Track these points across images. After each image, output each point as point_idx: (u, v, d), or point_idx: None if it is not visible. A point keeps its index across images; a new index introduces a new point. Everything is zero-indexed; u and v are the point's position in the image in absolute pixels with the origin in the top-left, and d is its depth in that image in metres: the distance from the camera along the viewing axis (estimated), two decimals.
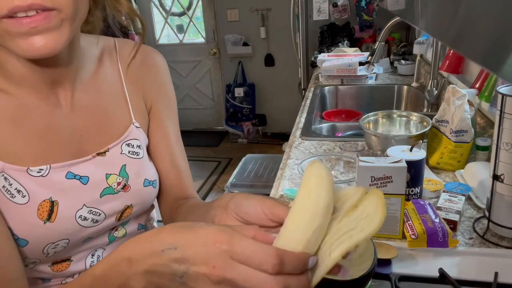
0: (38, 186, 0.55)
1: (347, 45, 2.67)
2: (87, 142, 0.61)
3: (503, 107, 0.77)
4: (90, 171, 0.60)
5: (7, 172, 0.54)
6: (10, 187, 0.54)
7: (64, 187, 0.58)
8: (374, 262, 0.64)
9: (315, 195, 0.44)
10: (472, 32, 0.32)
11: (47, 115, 0.58)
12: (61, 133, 0.59)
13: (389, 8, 0.89)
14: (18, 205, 0.54)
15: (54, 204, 0.56)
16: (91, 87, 0.62)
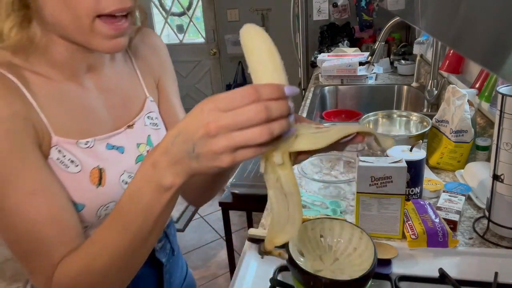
0: (87, 156, 0.63)
1: (347, 45, 2.67)
2: (117, 118, 0.70)
3: (503, 107, 0.77)
4: (124, 142, 0.69)
5: (61, 145, 0.61)
6: (64, 158, 0.61)
7: (107, 157, 0.65)
8: (374, 262, 0.64)
9: (258, 50, 0.49)
10: (472, 32, 0.32)
11: (82, 97, 0.65)
12: (96, 112, 0.67)
13: (389, 8, 0.89)
14: (73, 174, 0.61)
15: (102, 171, 0.64)
16: (112, 71, 0.70)
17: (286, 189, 0.50)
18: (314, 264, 0.70)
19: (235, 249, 2.11)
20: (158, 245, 0.78)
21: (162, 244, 0.80)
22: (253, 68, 0.48)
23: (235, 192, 1.78)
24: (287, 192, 0.50)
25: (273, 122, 0.42)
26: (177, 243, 0.87)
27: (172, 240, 0.83)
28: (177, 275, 0.87)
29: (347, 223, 0.73)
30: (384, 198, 0.84)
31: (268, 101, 0.42)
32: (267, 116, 0.41)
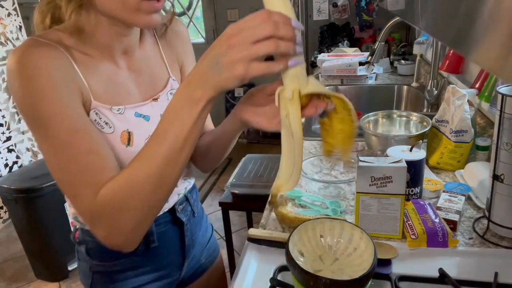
0: (119, 121, 0.75)
1: (347, 45, 2.67)
2: (144, 93, 0.81)
3: (503, 107, 0.77)
4: (149, 112, 0.80)
5: (98, 108, 0.72)
6: (100, 120, 0.73)
7: (135, 122, 0.77)
8: (374, 262, 0.64)
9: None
10: (472, 32, 0.32)
11: (117, 74, 0.77)
12: (126, 87, 0.79)
13: (389, 8, 0.89)
14: (107, 134, 0.73)
15: (130, 134, 0.76)
16: (141, 55, 0.82)
17: (293, 127, 0.62)
18: (314, 264, 0.70)
19: (235, 249, 2.11)
20: (179, 207, 0.90)
21: (183, 206, 0.91)
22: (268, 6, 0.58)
23: (235, 192, 1.78)
24: (293, 131, 0.62)
25: (280, 40, 0.54)
26: (199, 207, 0.99)
27: (192, 203, 0.95)
28: (199, 234, 0.99)
29: (347, 223, 0.73)
30: (384, 198, 0.84)
31: (276, 21, 0.53)
32: (274, 30, 0.53)
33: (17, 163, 2.61)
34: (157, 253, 0.87)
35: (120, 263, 0.84)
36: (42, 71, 0.64)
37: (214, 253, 1.06)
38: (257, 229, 0.90)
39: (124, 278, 0.85)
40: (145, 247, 0.85)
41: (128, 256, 0.83)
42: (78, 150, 0.65)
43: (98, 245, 0.81)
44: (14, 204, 2.13)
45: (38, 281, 2.33)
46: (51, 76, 0.65)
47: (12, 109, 2.61)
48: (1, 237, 2.76)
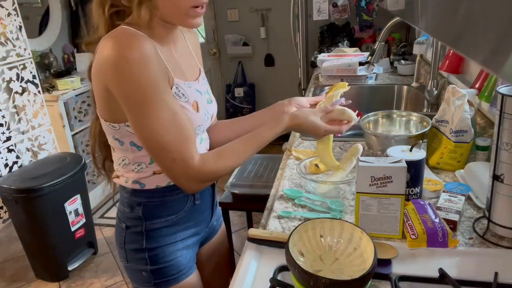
0: (189, 93, 0.92)
1: (347, 45, 2.67)
2: (191, 74, 0.99)
3: (503, 107, 0.77)
4: (200, 88, 0.98)
5: (177, 83, 0.89)
6: (179, 92, 0.90)
7: (197, 95, 0.95)
8: (374, 262, 0.64)
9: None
10: (472, 32, 0.32)
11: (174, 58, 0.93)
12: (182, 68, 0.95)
13: (389, 8, 0.89)
14: (184, 102, 0.90)
15: (198, 103, 0.94)
16: (179, 45, 0.99)
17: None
18: (314, 264, 0.70)
19: (235, 249, 2.11)
20: None
21: None
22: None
23: (235, 192, 1.78)
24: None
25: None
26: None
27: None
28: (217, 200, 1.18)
29: (347, 223, 0.73)
30: (384, 198, 0.84)
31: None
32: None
33: (17, 163, 2.61)
34: (198, 210, 1.03)
35: (172, 219, 0.98)
36: (148, 59, 0.79)
37: (220, 219, 1.22)
38: (257, 229, 0.90)
39: (174, 232, 0.99)
40: (191, 205, 1.00)
41: (178, 212, 0.98)
42: (179, 128, 0.85)
43: (154, 205, 0.96)
44: (14, 204, 2.13)
45: (38, 281, 2.33)
46: (154, 63, 0.80)
47: (12, 109, 2.61)
48: (1, 237, 2.76)
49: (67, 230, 2.28)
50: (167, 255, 0.98)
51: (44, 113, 2.77)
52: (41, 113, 2.75)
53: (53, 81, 2.93)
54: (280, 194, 1.09)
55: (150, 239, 0.97)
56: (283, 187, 1.12)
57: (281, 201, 1.06)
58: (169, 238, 0.98)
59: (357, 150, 1.12)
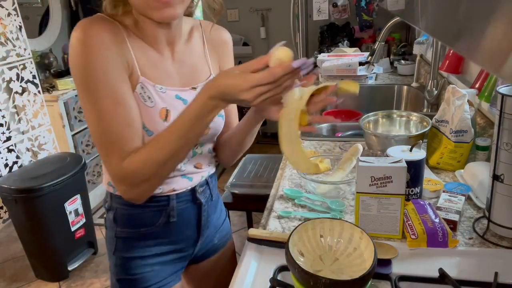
0: (160, 98, 0.84)
1: (347, 45, 2.67)
2: (184, 81, 0.90)
3: (503, 107, 0.77)
4: (188, 97, 0.88)
5: (143, 83, 0.82)
6: (144, 94, 0.82)
7: (174, 103, 0.86)
8: (374, 262, 0.64)
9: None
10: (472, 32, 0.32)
11: (163, 60, 0.87)
12: (170, 73, 0.88)
13: (389, 8, 0.89)
14: (148, 107, 0.83)
15: (168, 112, 0.85)
16: (186, 50, 0.92)
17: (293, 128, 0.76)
18: (314, 264, 0.70)
19: (235, 249, 2.11)
20: (200, 188, 0.96)
21: (203, 189, 0.98)
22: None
23: (235, 192, 1.78)
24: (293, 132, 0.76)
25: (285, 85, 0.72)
26: (216, 192, 1.05)
27: (212, 188, 1.02)
28: (214, 217, 1.05)
29: (347, 223, 0.73)
30: (384, 198, 0.84)
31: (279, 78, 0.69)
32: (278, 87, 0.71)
33: (17, 163, 2.61)
34: (175, 228, 0.95)
35: (142, 231, 0.93)
36: (100, 44, 0.75)
37: (226, 236, 1.14)
38: (257, 229, 0.90)
39: (144, 246, 0.94)
40: (165, 220, 0.93)
41: (150, 226, 0.92)
42: (115, 120, 0.77)
43: (125, 213, 0.92)
44: (14, 204, 2.13)
45: (38, 281, 2.33)
46: (107, 49, 0.76)
47: (12, 109, 2.61)
48: (1, 237, 2.76)
49: (67, 230, 2.28)
50: (134, 267, 0.94)
51: (44, 113, 2.77)
52: (41, 113, 2.75)
53: (53, 81, 2.93)
54: (280, 194, 1.09)
55: (119, 247, 0.94)
56: (283, 187, 1.12)
57: (281, 201, 1.06)
58: (139, 250, 0.94)
59: (357, 150, 1.12)
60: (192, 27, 0.95)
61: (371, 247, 0.67)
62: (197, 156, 0.96)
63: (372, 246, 0.67)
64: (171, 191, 0.92)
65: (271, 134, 4.28)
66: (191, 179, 0.94)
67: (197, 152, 0.95)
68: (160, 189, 0.90)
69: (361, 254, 0.69)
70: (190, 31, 0.94)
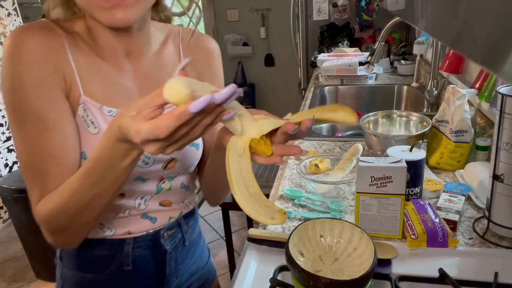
0: (106, 123, 0.68)
1: (347, 45, 2.67)
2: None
3: (503, 107, 0.77)
4: None
5: (87, 105, 0.68)
6: (87, 118, 0.68)
7: None
8: (374, 262, 0.64)
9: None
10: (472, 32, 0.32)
11: (119, 75, 0.72)
12: (128, 90, 0.72)
13: (389, 8, 0.89)
14: (91, 134, 0.68)
15: None
16: (155, 62, 0.76)
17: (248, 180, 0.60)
18: (314, 264, 0.70)
19: (235, 249, 2.11)
20: (167, 232, 0.82)
21: (172, 232, 0.82)
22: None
23: None
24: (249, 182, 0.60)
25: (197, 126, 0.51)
26: (195, 234, 0.89)
27: (185, 231, 0.86)
28: (189, 263, 0.89)
29: (347, 223, 0.73)
30: (384, 198, 0.84)
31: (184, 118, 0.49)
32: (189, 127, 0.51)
33: (17, 163, 2.61)
34: (130, 277, 0.79)
35: (89, 277, 0.79)
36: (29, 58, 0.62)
37: (208, 281, 0.96)
38: (257, 229, 0.90)
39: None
40: (116, 268, 0.78)
41: (99, 272, 0.78)
42: (41, 150, 0.63)
43: (72, 251, 0.78)
44: (14, 204, 2.13)
45: (38, 281, 2.33)
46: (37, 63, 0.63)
47: None
48: (1, 237, 2.76)
49: None
50: None
51: None
52: None
53: None
54: (280, 194, 1.09)
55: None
56: (283, 187, 1.12)
57: (281, 201, 1.06)
58: None
59: (357, 150, 1.12)
60: (167, 36, 0.80)
61: (371, 247, 0.67)
62: (163, 192, 0.78)
63: (372, 246, 0.67)
64: (125, 234, 0.76)
65: None
66: (154, 220, 0.79)
67: (164, 187, 0.78)
68: (112, 231, 0.75)
69: (361, 254, 0.69)
70: (164, 40, 0.79)
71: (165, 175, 0.78)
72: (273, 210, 0.57)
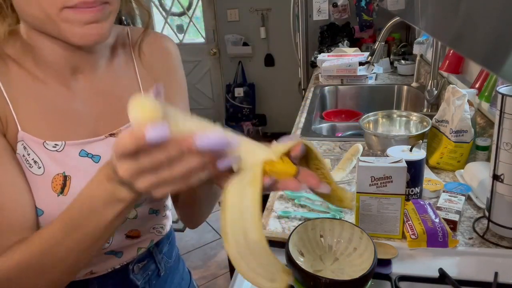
0: (53, 160, 0.58)
1: (347, 45, 2.66)
2: (101, 124, 0.64)
3: (503, 107, 0.77)
4: (102, 151, 0.63)
5: (26, 142, 0.57)
6: (28, 157, 0.58)
7: (77, 164, 0.60)
8: (374, 262, 0.64)
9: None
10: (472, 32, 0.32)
11: (66, 98, 0.61)
12: (78, 115, 0.62)
13: (389, 8, 0.89)
14: (35, 175, 0.58)
15: (66, 179, 0.59)
16: (108, 75, 0.66)
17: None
18: (314, 264, 0.70)
19: None
20: (137, 265, 0.72)
21: (143, 264, 0.73)
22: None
23: None
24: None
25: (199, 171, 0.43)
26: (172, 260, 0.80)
27: (159, 260, 0.76)
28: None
29: (347, 223, 0.73)
30: (384, 198, 0.84)
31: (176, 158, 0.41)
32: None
33: None
34: None
35: None
36: None
37: None
38: None
39: None
40: None
41: None
42: None
43: None
44: None
45: None
46: None
47: None
48: None
49: None
50: None
51: None
52: None
53: None
54: (280, 194, 1.09)
55: None
56: None
57: (281, 201, 1.06)
58: None
59: (357, 150, 1.12)
60: (115, 40, 0.68)
61: (371, 247, 0.67)
62: (128, 223, 0.68)
63: (372, 246, 0.67)
64: (88, 275, 0.66)
65: (271, 134, 4.28)
66: (120, 255, 0.69)
67: (129, 217, 0.67)
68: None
69: (361, 254, 0.69)
70: (113, 47, 0.67)
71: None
72: (275, 268, 0.46)
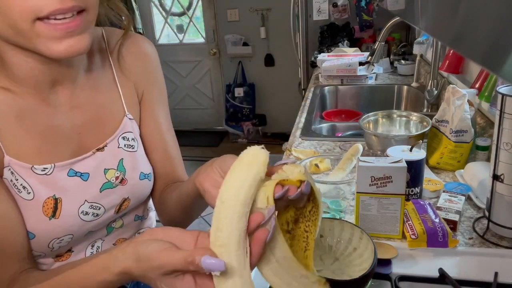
0: (42, 184, 0.57)
1: (347, 45, 2.66)
2: (86, 138, 0.62)
3: (503, 107, 0.77)
4: (90, 168, 0.62)
5: (13, 167, 0.55)
6: (17, 182, 0.56)
7: (67, 185, 0.59)
8: (374, 262, 0.64)
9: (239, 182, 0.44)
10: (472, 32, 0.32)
11: (48, 114, 0.58)
12: (62, 131, 0.60)
13: (389, 8, 0.89)
14: (25, 200, 0.56)
15: (58, 201, 0.58)
16: (87, 84, 0.63)
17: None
18: (314, 264, 0.70)
19: None
20: None
21: None
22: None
23: None
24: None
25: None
26: None
27: None
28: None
29: (347, 223, 0.73)
30: (384, 198, 0.84)
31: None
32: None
33: None
34: None
35: None
36: None
37: None
38: None
39: None
40: None
41: None
42: None
43: None
44: None
45: None
46: None
47: None
48: None
49: None
50: None
51: None
52: None
53: None
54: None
55: None
56: None
57: None
58: None
59: (357, 150, 1.12)
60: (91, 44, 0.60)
61: (371, 247, 0.67)
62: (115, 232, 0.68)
63: (372, 246, 0.67)
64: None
65: (271, 134, 4.28)
66: None
67: (115, 226, 0.68)
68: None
69: (361, 254, 0.69)
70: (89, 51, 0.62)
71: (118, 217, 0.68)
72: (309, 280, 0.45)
